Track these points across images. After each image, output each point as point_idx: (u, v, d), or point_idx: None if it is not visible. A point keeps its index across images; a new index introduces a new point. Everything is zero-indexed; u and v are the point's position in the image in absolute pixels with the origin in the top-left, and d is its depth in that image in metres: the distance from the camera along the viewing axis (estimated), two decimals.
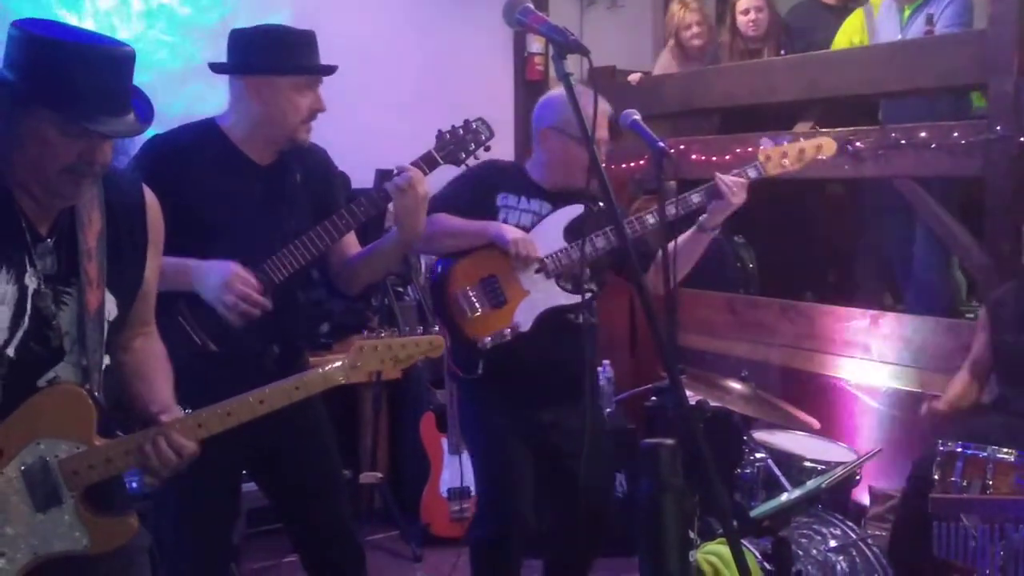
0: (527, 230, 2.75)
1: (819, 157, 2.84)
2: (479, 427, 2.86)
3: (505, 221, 2.76)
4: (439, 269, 2.83)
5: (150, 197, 1.89)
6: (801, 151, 2.81)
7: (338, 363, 1.99)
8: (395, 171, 2.37)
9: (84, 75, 1.60)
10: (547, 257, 2.72)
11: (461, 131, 2.48)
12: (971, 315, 3.99)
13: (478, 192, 2.74)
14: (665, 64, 5.30)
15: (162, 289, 2.13)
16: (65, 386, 1.75)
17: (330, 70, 2.36)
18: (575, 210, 2.76)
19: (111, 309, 1.79)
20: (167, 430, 1.79)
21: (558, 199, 2.80)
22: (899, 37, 4.17)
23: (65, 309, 1.74)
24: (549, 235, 2.75)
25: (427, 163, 2.43)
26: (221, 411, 1.86)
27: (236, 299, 2.22)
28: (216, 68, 2.36)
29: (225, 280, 2.21)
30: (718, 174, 2.71)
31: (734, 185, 2.69)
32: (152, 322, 1.99)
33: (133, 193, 1.86)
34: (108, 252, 1.77)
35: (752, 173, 2.76)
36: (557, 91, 2.82)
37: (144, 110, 1.72)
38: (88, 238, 1.74)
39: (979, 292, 4.03)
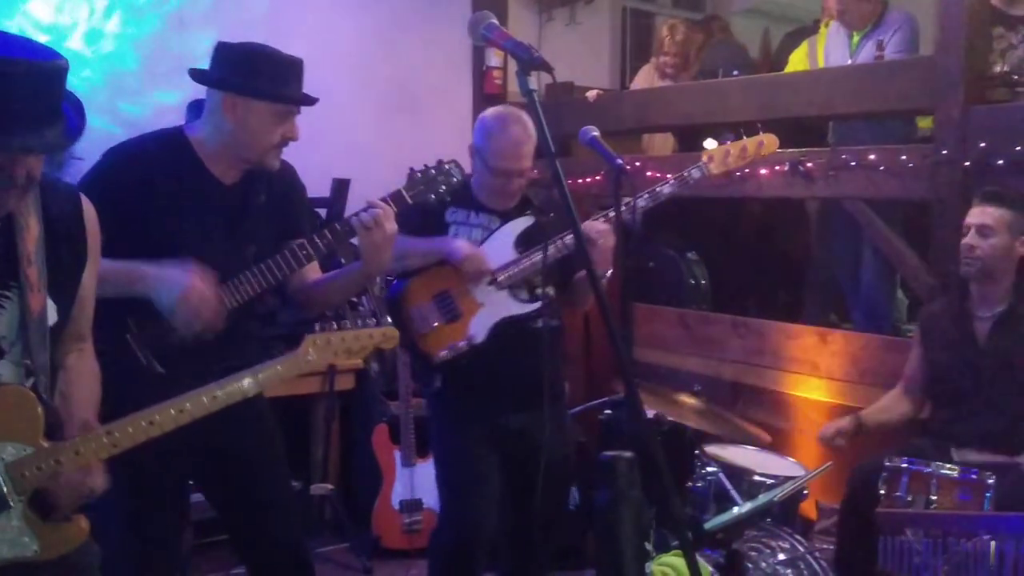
0: (479, 244, 2.78)
1: (761, 153, 2.87)
2: (447, 437, 2.88)
3: (456, 236, 2.79)
4: (395, 288, 2.86)
5: (87, 206, 1.87)
6: (743, 148, 2.84)
7: (288, 359, 1.95)
8: (365, 207, 2.34)
9: (4, 89, 1.55)
10: (498, 269, 2.75)
11: (433, 171, 2.47)
12: (912, 333, 4.09)
13: (427, 209, 2.72)
14: (644, 76, 5.50)
15: (113, 294, 2.08)
16: (9, 387, 1.71)
17: (311, 101, 2.32)
18: (525, 222, 2.81)
19: (51, 315, 1.76)
20: (62, 469, 1.72)
21: (505, 211, 2.83)
22: (848, 62, 4.28)
23: (3, 313, 1.71)
24: (500, 247, 2.79)
25: (395, 201, 2.39)
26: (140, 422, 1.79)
27: (191, 318, 2.17)
28: (196, 77, 2.31)
29: (182, 294, 2.16)
30: (587, 222, 2.65)
31: (600, 232, 2.62)
32: (88, 338, 1.96)
33: (71, 202, 1.85)
34: (47, 258, 1.75)
35: (696, 174, 2.81)
36: (492, 111, 2.83)
37: (75, 121, 1.67)
38: (27, 243, 1.71)
39: None
